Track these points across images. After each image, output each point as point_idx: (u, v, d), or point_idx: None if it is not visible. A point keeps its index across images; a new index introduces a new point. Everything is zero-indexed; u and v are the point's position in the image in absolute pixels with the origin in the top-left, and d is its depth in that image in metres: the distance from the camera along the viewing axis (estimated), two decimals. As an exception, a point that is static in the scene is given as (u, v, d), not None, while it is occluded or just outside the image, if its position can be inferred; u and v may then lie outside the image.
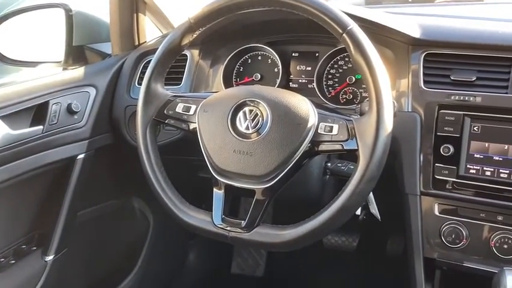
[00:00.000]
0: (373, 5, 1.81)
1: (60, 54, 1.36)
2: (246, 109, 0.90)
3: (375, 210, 1.12)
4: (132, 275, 1.59)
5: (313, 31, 1.13)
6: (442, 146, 0.97)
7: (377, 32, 1.02)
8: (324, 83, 1.20)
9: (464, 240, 0.97)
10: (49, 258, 1.24)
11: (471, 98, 0.95)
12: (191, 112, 0.96)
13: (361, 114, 0.91)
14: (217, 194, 0.91)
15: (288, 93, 0.91)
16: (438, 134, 0.97)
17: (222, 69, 1.26)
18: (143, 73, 1.25)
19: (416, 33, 1.02)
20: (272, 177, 0.86)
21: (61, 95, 1.18)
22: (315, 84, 1.18)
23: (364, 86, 1.13)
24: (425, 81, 1.00)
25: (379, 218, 1.13)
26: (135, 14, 1.42)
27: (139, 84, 1.30)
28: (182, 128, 0.98)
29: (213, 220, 0.90)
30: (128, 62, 1.34)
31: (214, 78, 1.28)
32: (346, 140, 0.83)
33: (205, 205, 0.95)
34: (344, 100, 1.18)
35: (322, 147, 0.86)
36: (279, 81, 1.22)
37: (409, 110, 1.01)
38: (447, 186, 0.97)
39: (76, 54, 1.39)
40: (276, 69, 1.24)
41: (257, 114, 0.89)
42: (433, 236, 1.00)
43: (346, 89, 1.18)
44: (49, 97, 1.15)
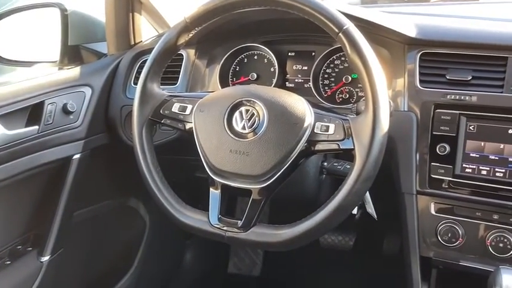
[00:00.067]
0: (369, 4, 1.82)
1: (55, 54, 1.36)
2: (243, 109, 0.90)
3: (371, 209, 1.12)
4: (128, 275, 1.58)
5: (309, 30, 1.13)
6: (438, 145, 0.97)
7: (373, 32, 1.02)
8: (320, 82, 1.20)
9: (460, 239, 0.97)
10: (45, 258, 1.24)
11: (467, 98, 0.95)
12: (187, 112, 0.96)
13: (358, 113, 0.91)
14: (214, 193, 0.91)
15: (284, 92, 0.91)
16: (434, 133, 0.97)
17: (218, 68, 1.26)
18: (139, 73, 1.24)
19: (412, 33, 1.03)
20: (268, 177, 0.86)
21: (56, 95, 1.18)
22: (311, 83, 1.19)
23: (360, 85, 1.14)
24: (421, 81, 1.00)
25: (376, 217, 1.13)
26: (131, 14, 1.42)
27: (135, 84, 1.29)
28: (178, 128, 0.98)
29: (209, 220, 0.90)
30: (124, 61, 1.33)
31: (211, 78, 1.27)
32: (343, 140, 0.83)
33: (202, 205, 0.95)
34: (340, 99, 1.18)
35: (319, 147, 0.86)
36: (275, 80, 1.22)
37: (405, 109, 1.01)
38: (443, 185, 0.97)
39: (71, 54, 1.38)
40: (272, 69, 1.24)
41: (253, 114, 0.89)
42: (429, 235, 1.00)
43: (342, 88, 1.18)
44: (44, 97, 1.15)
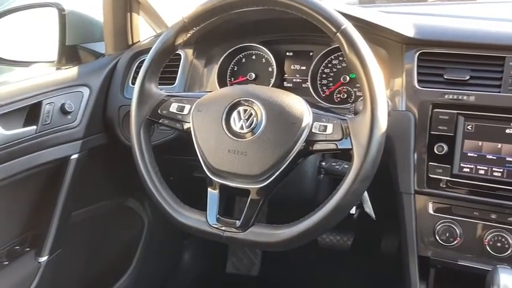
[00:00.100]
0: (367, 4, 1.82)
1: (53, 54, 1.36)
2: (241, 109, 0.90)
3: (369, 209, 1.12)
4: (126, 275, 1.58)
5: (307, 30, 1.13)
6: (436, 145, 0.97)
7: (371, 31, 1.02)
8: (318, 82, 1.20)
9: (458, 238, 0.97)
10: (43, 259, 1.23)
11: (465, 97, 0.95)
12: (185, 112, 0.96)
13: (356, 113, 0.91)
14: (212, 193, 0.91)
15: (283, 92, 0.91)
16: (432, 132, 0.97)
17: (216, 68, 1.26)
18: (137, 73, 1.24)
19: (410, 33, 1.03)
20: (267, 177, 0.86)
21: (54, 95, 1.18)
22: (309, 83, 1.19)
23: (358, 85, 1.13)
24: (419, 81, 1.00)
25: (374, 217, 1.13)
26: (129, 13, 1.41)
27: (133, 84, 1.29)
28: (176, 128, 0.98)
29: (207, 220, 0.89)
30: (122, 61, 1.33)
31: (209, 78, 1.27)
32: (341, 139, 0.83)
33: (200, 205, 0.95)
34: (338, 99, 1.18)
35: (317, 147, 0.86)
36: (273, 80, 1.22)
37: (403, 109, 1.01)
38: (441, 185, 0.97)
39: (69, 53, 1.38)
40: (270, 69, 1.24)
41: (251, 114, 0.89)
42: (427, 235, 1.00)
43: (340, 88, 1.18)
44: (42, 97, 1.15)
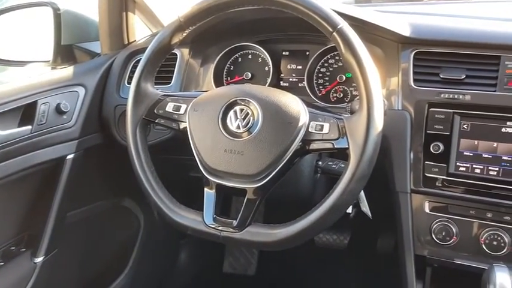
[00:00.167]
0: (363, 3, 1.82)
1: (48, 54, 1.35)
2: (237, 108, 0.90)
3: (365, 208, 1.12)
4: (123, 275, 1.58)
5: (303, 30, 1.13)
6: (432, 144, 0.97)
7: (367, 31, 1.02)
8: (315, 81, 1.20)
9: (454, 237, 0.97)
10: (39, 259, 1.23)
11: (460, 96, 0.95)
12: (181, 111, 0.96)
13: (352, 112, 0.91)
14: (209, 193, 0.90)
15: (279, 92, 0.91)
16: (428, 132, 0.98)
17: (212, 68, 1.26)
18: (133, 72, 1.24)
19: (406, 32, 1.03)
20: (263, 177, 0.86)
21: (50, 95, 1.17)
22: (305, 82, 1.19)
23: (354, 84, 1.14)
24: (415, 80, 1.00)
25: (370, 216, 1.14)
26: (125, 13, 1.41)
27: (128, 83, 1.29)
28: (172, 128, 0.97)
29: (204, 220, 0.89)
30: (117, 61, 1.33)
31: (205, 77, 1.27)
32: (337, 139, 0.83)
33: (197, 205, 0.95)
34: (335, 99, 1.18)
35: (313, 146, 0.86)
36: (269, 80, 1.22)
37: (399, 108, 1.01)
38: (437, 184, 0.98)
39: (65, 53, 1.37)
40: (267, 68, 1.24)
41: (248, 113, 0.89)
42: (424, 234, 1.00)
43: (336, 87, 1.18)
44: (37, 97, 1.14)
